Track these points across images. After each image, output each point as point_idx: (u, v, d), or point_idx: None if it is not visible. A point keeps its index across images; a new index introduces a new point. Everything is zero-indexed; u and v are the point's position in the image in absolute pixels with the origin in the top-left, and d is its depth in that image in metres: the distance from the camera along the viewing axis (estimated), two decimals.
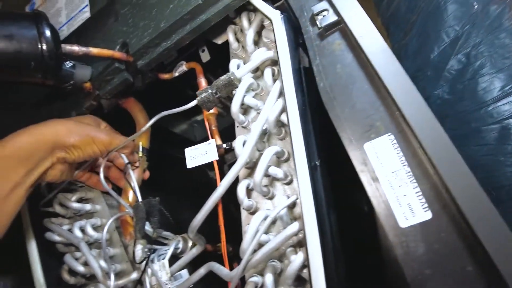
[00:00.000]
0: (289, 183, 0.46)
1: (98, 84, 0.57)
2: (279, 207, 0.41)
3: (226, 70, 0.54)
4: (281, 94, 0.45)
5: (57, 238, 0.61)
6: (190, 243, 0.56)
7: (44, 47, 0.44)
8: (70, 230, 0.61)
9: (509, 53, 0.47)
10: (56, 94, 0.61)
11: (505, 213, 0.32)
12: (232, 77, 0.48)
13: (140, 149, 0.61)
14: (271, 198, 0.47)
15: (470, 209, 0.31)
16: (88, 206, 0.62)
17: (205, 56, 0.60)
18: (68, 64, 0.53)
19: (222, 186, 0.45)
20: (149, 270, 0.52)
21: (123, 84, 0.56)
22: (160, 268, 0.49)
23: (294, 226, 0.40)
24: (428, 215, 0.34)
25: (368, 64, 0.40)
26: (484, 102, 0.51)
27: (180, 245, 0.55)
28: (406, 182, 0.36)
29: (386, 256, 0.47)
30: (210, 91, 0.49)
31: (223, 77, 0.49)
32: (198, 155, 0.51)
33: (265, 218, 0.43)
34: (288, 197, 0.44)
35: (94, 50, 0.51)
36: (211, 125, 0.54)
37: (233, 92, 0.48)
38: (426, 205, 0.34)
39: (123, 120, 0.64)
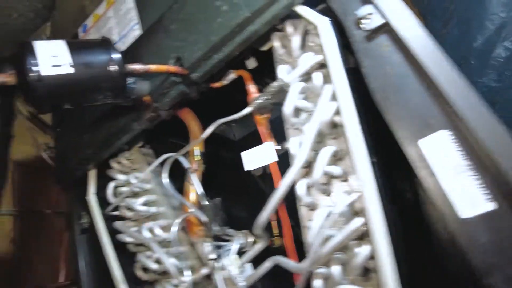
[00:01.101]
0: (345, 180, 0.49)
1: (156, 97, 0.62)
2: (344, 202, 0.44)
3: (268, 74, 0.57)
4: (333, 96, 0.48)
5: (128, 239, 0.67)
6: (249, 239, 0.60)
7: (113, 69, 0.49)
8: (137, 231, 0.67)
9: None
10: (117, 109, 0.66)
11: None
12: (282, 83, 0.51)
13: (198, 153, 0.66)
14: (328, 195, 0.50)
15: None
16: (153, 209, 0.68)
17: (251, 63, 0.63)
18: (130, 80, 0.58)
19: (284, 186, 0.49)
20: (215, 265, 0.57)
21: (180, 95, 0.60)
22: (231, 262, 0.54)
23: (359, 220, 0.43)
24: (491, 206, 0.36)
25: (418, 64, 0.42)
26: None
27: (242, 241, 0.59)
28: (466, 174, 0.38)
29: (441, 247, 0.48)
30: (265, 97, 0.52)
31: (275, 84, 0.52)
32: (256, 157, 0.54)
33: (328, 214, 0.46)
34: (348, 194, 0.47)
35: (152, 67, 0.56)
36: (264, 129, 0.58)
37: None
38: (489, 196, 0.36)
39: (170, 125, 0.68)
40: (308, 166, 0.51)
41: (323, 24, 0.49)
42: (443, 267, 0.46)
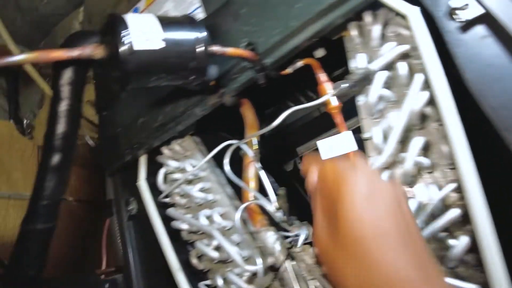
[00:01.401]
0: (430, 172, 0.49)
1: (224, 82, 0.60)
2: (442, 192, 0.44)
3: (331, 64, 0.56)
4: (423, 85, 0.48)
5: (183, 226, 0.66)
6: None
7: (200, 49, 0.48)
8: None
9: None
10: (179, 93, 0.65)
11: None
12: (368, 71, 0.51)
13: (256, 142, 0.65)
14: (411, 187, 0.50)
15: None
16: (210, 196, 0.67)
17: (319, 53, 0.62)
18: None
19: None
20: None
21: (249, 81, 0.59)
22: (304, 252, 0.53)
23: (455, 211, 0.43)
24: None
25: None
26: None
27: (307, 232, 0.58)
28: None
29: None
30: (347, 84, 0.52)
31: (359, 71, 0.51)
32: (334, 146, 0.54)
33: (418, 207, 0.46)
34: (437, 186, 0.47)
35: (229, 50, 0.54)
36: (337, 118, 0.57)
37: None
38: None
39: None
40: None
41: (414, 14, 0.49)
42: None
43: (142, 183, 0.70)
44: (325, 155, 0.54)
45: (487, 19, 0.45)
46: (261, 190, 0.62)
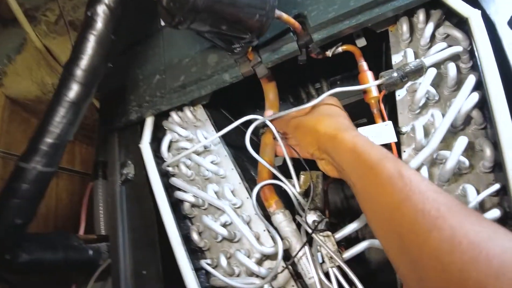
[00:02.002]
0: (466, 173, 0.49)
1: (264, 51, 0.57)
2: (484, 193, 0.43)
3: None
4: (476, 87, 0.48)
5: (189, 198, 0.60)
6: (326, 219, 0.57)
7: (270, 3, 0.45)
8: None
9: None
10: (208, 54, 0.60)
11: None
12: (423, 65, 0.50)
13: None
14: (444, 186, 0.49)
15: None
16: (221, 170, 0.62)
17: (362, 42, 0.61)
18: None
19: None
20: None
21: (291, 55, 0.56)
22: (326, 239, 0.50)
23: (495, 212, 0.43)
24: None
25: None
26: None
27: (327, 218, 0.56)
28: None
29: None
30: (397, 73, 0.51)
31: (414, 63, 0.51)
32: (373, 135, 0.52)
33: None
34: (475, 188, 0.47)
35: (284, 16, 0.51)
36: (376, 108, 0.56)
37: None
38: None
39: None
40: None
41: (476, 17, 0.49)
42: None
43: (145, 146, 0.64)
44: None
45: None
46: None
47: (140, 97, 0.65)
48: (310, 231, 0.51)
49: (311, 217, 0.54)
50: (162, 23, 0.67)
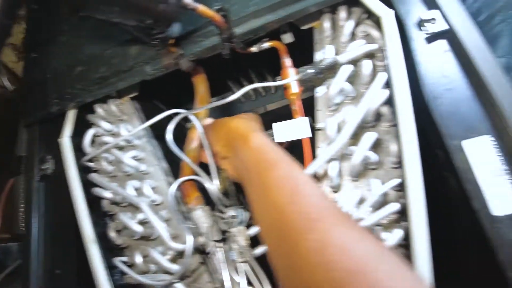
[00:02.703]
0: (375, 168, 0.50)
1: (185, 44, 0.56)
2: (384, 187, 0.44)
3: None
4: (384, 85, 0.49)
5: (107, 194, 0.58)
6: (248, 215, 0.56)
7: None
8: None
9: None
10: (130, 45, 0.58)
11: None
12: (336, 61, 0.51)
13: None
14: (355, 181, 0.50)
15: None
16: (143, 166, 0.60)
17: (288, 38, 0.61)
18: None
19: (317, 164, 0.47)
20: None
21: (213, 49, 0.56)
22: (239, 233, 0.50)
23: (395, 206, 0.44)
24: None
25: (474, 72, 0.45)
26: None
27: (244, 214, 0.55)
28: (503, 178, 0.41)
29: (467, 239, 0.51)
30: (313, 70, 0.51)
31: (328, 60, 0.51)
32: (289, 131, 0.52)
33: (359, 200, 0.46)
34: (381, 182, 0.47)
35: (200, 7, 0.50)
36: (295, 104, 0.56)
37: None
38: None
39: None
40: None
41: (389, 16, 0.50)
42: (468, 258, 0.49)
43: (66, 140, 0.61)
44: (278, 138, 0.53)
45: (450, 35, 0.48)
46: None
47: (61, 89, 0.62)
48: (224, 226, 0.51)
49: (231, 212, 0.54)
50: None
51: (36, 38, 0.70)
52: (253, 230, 0.51)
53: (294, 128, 0.52)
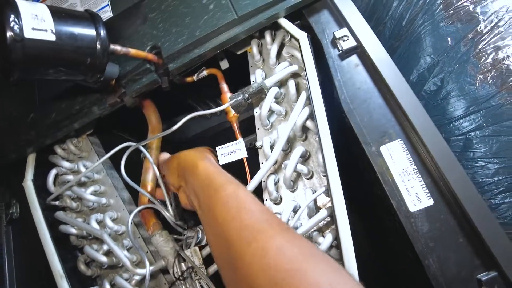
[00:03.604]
0: (310, 178, 0.55)
1: (126, 83, 0.60)
2: (313, 196, 0.49)
3: (238, 77, 0.60)
4: (306, 102, 0.54)
5: (73, 230, 0.62)
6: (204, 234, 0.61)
7: (99, 46, 0.48)
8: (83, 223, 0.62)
9: (473, 80, 0.61)
10: (76, 89, 0.62)
11: None
12: (263, 86, 0.55)
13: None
14: (293, 191, 0.55)
15: (462, 196, 0.43)
16: (103, 200, 0.64)
17: (224, 64, 0.66)
18: None
19: (255, 181, 0.52)
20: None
21: (152, 84, 0.60)
22: (192, 254, 0.54)
23: (323, 212, 0.49)
24: (430, 202, 0.45)
25: (382, 83, 0.51)
26: (452, 117, 0.64)
27: (200, 235, 0.60)
28: (413, 177, 0.46)
29: (392, 236, 0.56)
30: (241, 96, 0.56)
31: (255, 85, 0.56)
32: (229, 152, 0.57)
33: (294, 208, 0.51)
34: (312, 190, 0.52)
35: (132, 51, 0.54)
36: (234, 126, 0.61)
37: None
38: (429, 194, 0.45)
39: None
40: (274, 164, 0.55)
41: (303, 39, 0.55)
42: (395, 250, 0.54)
43: (28, 184, 0.65)
44: (222, 160, 0.57)
45: (359, 50, 0.54)
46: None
47: (16, 137, 0.66)
48: (177, 247, 0.55)
49: (188, 233, 0.58)
50: None
51: None
52: (207, 250, 0.56)
53: (233, 150, 0.57)
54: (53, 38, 0.43)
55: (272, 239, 0.35)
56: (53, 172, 0.67)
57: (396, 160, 0.48)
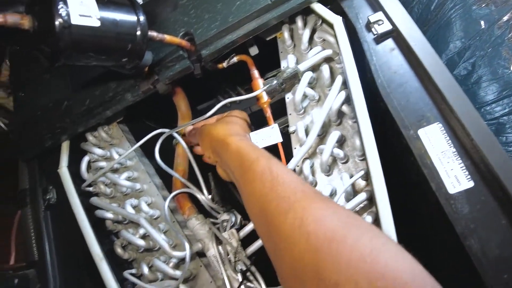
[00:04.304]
0: (345, 162, 0.55)
1: (159, 69, 0.60)
2: (353, 179, 0.50)
3: (265, 63, 0.60)
4: (342, 87, 0.54)
5: (108, 215, 0.63)
6: (239, 217, 0.62)
7: (140, 32, 0.48)
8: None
9: (508, 64, 0.61)
10: (109, 76, 0.63)
11: None
12: (297, 71, 0.56)
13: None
14: (328, 175, 0.55)
15: (504, 177, 0.43)
16: (137, 185, 0.66)
17: (254, 50, 0.66)
18: None
19: (292, 165, 0.53)
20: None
21: (185, 71, 0.60)
22: (230, 236, 0.56)
23: (363, 195, 0.49)
24: (471, 184, 0.45)
25: (419, 66, 0.50)
26: (484, 102, 0.64)
27: (234, 218, 0.61)
28: (452, 159, 0.47)
29: (430, 218, 0.56)
30: (276, 81, 0.56)
31: (289, 70, 0.56)
32: (263, 138, 0.57)
33: (331, 192, 0.52)
34: (348, 174, 0.53)
35: (167, 37, 0.55)
36: (267, 112, 0.61)
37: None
38: (469, 176, 0.45)
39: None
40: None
41: (338, 23, 0.55)
42: (432, 234, 0.55)
43: (64, 171, 0.66)
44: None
45: (395, 34, 0.53)
46: (193, 179, 0.63)
47: (52, 124, 0.67)
48: (216, 232, 0.56)
49: (223, 216, 0.60)
50: None
51: (21, 77, 0.74)
52: (244, 232, 0.57)
53: (268, 135, 0.57)
54: (97, 24, 0.44)
55: (309, 208, 0.35)
56: (86, 159, 0.69)
57: (434, 143, 0.48)
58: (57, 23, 0.40)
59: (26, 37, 0.43)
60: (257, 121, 0.64)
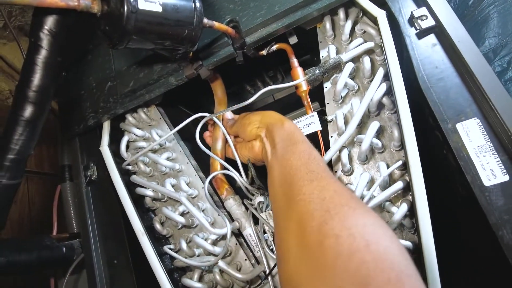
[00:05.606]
0: (381, 152, 0.57)
1: (204, 55, 0.63)
2: (391, 168, 0.52)
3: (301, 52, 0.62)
4: (383, 79, 0.56)
5: (149, 193, 0.67)
6: None
7: (196, 18, 0.50)
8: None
9: None
10: (154, 60, 0.65)
11: None
12: (340, 61, 0.57)
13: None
14: (364, 164, 0.58)
15: None
16: (177, 165, 0.69)
17: (293, 39, 0.68)
18: None
19: (332, 152, 0.55)
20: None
21: (228, 57, 0.62)
22: (267, 217, 0.59)
23: (399, 184, 0.52)
24: (506, 178, 0.47)
25: (461, 63, 0.52)
26: None
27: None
28: (489, 153, 0.49)
29: (464, 208, 0.59)
30: (318, 70, 0.58)
31: (332, 60, 0.58)
32: (304, 126, 0.60)
33: (368, 180, 0.55)
34: (386, 164, 0.55)
35: (216, 24, 0.57)
36: (305, 100, 0.63)
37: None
38: (504, 170, 0.48)
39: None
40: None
41: (382, 16, 0.57)
42: (465, 224, 0.58)
43: (105, 149, 0.69)
44: None
45: (438, 30, 0.55)
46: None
47: (95, 104, 0.70)
48: (254, 212, 0.59)
49: (258, 198, 0.62)
50: None
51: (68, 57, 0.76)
52: None
53: (308, 123, 0.60)
54: (160, 9, 0.46)
55: (331, 182, 0.41)
56: (126, 138, 0.72)
57: (472, 137, 0.50)
58: (126, 7, 0.42)
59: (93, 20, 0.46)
60: (279, 109, 0.66)
